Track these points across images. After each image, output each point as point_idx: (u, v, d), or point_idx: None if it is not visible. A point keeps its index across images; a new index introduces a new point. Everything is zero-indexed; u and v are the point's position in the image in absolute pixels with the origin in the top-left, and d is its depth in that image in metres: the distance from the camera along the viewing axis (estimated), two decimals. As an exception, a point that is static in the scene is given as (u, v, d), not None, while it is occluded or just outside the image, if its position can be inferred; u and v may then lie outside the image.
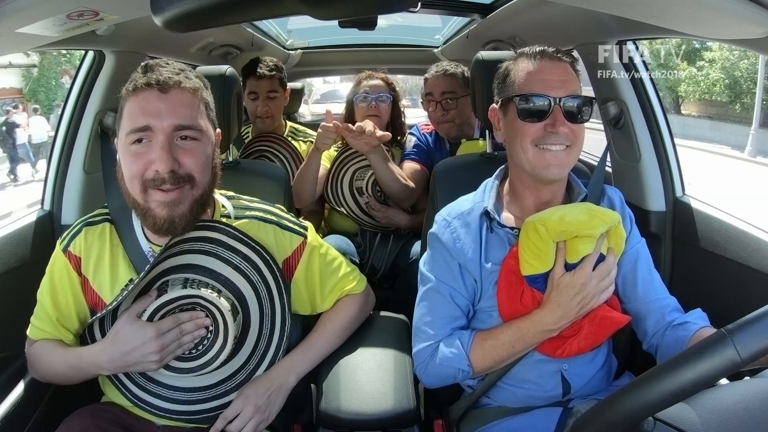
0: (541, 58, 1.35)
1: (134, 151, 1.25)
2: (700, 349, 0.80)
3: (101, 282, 1.37)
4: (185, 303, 1.29)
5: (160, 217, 1.26)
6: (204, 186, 1.30)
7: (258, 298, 1.39)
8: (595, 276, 1.26)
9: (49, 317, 1.39)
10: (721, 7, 0.99)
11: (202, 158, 1.29)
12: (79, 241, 1.39)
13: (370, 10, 1.18)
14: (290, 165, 2.72)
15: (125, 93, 1.29)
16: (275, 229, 1.46)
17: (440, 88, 2.55)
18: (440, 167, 1.87)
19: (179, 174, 1.25)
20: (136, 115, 1.24)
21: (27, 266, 1.77)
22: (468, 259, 1.37)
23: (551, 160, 1.31)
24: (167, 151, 1.23)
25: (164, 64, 1.30)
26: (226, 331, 1.30)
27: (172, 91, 1.26)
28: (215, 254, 1.36)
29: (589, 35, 1.99)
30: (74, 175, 2.00)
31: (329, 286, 1.53)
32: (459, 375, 1.38)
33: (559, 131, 1.30)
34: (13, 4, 1.01)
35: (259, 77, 2.75)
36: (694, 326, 1.31)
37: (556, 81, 1.31)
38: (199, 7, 0.87)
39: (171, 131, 1.24)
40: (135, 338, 1.24)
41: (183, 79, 1.28)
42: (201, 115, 1.30)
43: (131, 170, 1.26)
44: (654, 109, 2.03)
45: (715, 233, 1.78)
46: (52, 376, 1.41)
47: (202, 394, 1.37)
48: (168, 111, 1.24)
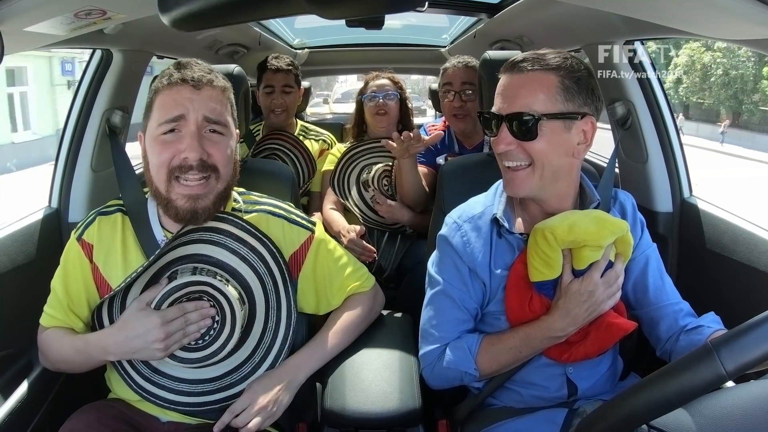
0: (507, 71, 1.31)
1: (164, 140, 1.32)
2: (685, 363, 0.80)
3: (111, 269, 1.40)
4: (193, 291, 1.31)
5: (183, 208, 1.32)
6: (227, 179, 1.37)
7: (264, 289, 1.41)
8: (603, 283, 1.26)
9: (60, 303, 1.41)
10: (728, 7, 0.98)
11: (227, 151, 1.36)
12: (92, 229, 1.42)
13: (378, 9, 1.18)
14: (300, 164, 2.72)
15: (157, 87, 1.35)
16: (283, 223, 1.48)
17: (461, 78, 2.51)
18: (447, 167, 1.86)
19: (207, 163, 1.32)
20: (170, 106, 1.32)
21: (34, 263, 1.78)
22: (477, 264, 1.37)
23: (509, 177, 1.31)
24: (198, 140, 1.30)
25: (195, 63, 1.38)
26: (233, 319, 1.31)
27: (204, 88, 1.34)
28: (223, 245, 1.39)
29: (596, 35, 1.98)
30: (81, 173, 2.01)
31: (337, 283, 1.53)
32: (465, 378, 1.38)
33: (497, 149, 1.30)
34: (20, 2, 1.01)
35: (275, 70, 2.78)
36: (708, 330, 1.30)
37: (509, 96, 1.28)
38: (206, 6, 0.87)
39: (201, 122, 1.32)
40: (140, 325, 1.27)
41: (214, 78, 1.37)
42: (227, 113, 1.38)
43: (160, 158, 1.32)
44: (661, 110, 2.02)
45: (722, 235, 1.77)
46: (61, 363, 1.42)
47: (207, 386, 1.38)
48: (200, 104, 1.32)
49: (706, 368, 0.77)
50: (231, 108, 1.41)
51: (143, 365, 1.37)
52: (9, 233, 1.74)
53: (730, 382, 0.81)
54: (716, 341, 0.79)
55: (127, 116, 2.08)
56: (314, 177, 2.78)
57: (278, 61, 2.80)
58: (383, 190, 2.56)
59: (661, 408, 0.79)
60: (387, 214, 2.51)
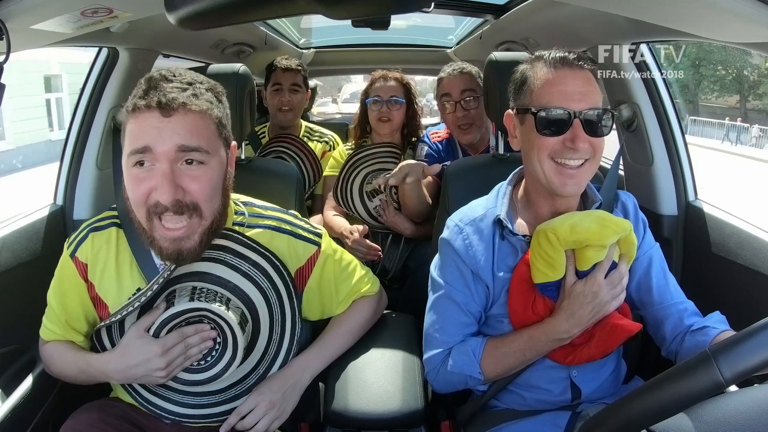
0: (561, 66, 1.28)
1: (136, 175, 1.18)
2: (682, 370, 0.80)
3: (107, 289, 1.36)
4: (192, 316, 1.28)
5: (167, 250, 1.22)
6: (213, 214, 1.24)
7: (268, 304, 1.38)
8: (607, 283, 1.25)
9: (58, 319, 1.39)
10: (734, 10, 0.98)
11: (209, 184, 1.21)
12: (85, 247, 1.36)
13: (384, 9, 1.18)
14: (306, 166, 2.72)
15: (126, 110, 1.20)
16: (289, 239, 1.43)
17: (459, 86, 2.40)
18: (452, 169, 1.86)
19: (184, 202, 1.18)
20: (136, 135, 1.16)
21: (39, 260, 1.79)
22: (480, 266, 1.36)
23: (568, 175, 1.27)
24: (169, 179, 1.15)
25: (171, 76, 1.21)
26: (235, 344, 1.28)
27: (176, 114, 1.16)
28: (223, 261, 1.34)
29: (602, 37, 1.98)
30: (87, 171, 2.02)
31: (344, 291, 1.52)
32: (470, 381, 1.38)
33: (579, 147, 1.25)
34: (27, 0, 1.02)
35: (284, 69, 2.82)
36: (714, 330, 1.29)
37: (576, 93, 1.25)
38: (213, 5, 0.88)
39: (174, 153, 1.16)
40: (141, 354, 1.24)
41: (189, 100, 1.17)
42: (210, 136, 1.22)
43: (134, 196, 1.19)
44: (667, 112, 2.01)
45: (727, 239, 1.76)
46: (64, 377, 1.42)
47: (212, 399, 1.37)
48: (171, 132, 1.15)
49: (704, 375, 0.77)
50: (218, 127, 1.24)
51: None
52: (14, 230, 1.75)
53: (733, 386, 0.81)
54: (715, 348, 0.79)
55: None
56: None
57: (287, 61, 2.84)
58: (394, 198, 2.52)
59: (658, 415, 0.78)
60: (390, 224, 2.49)
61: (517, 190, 1.44)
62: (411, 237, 2.52)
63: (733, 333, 1.21)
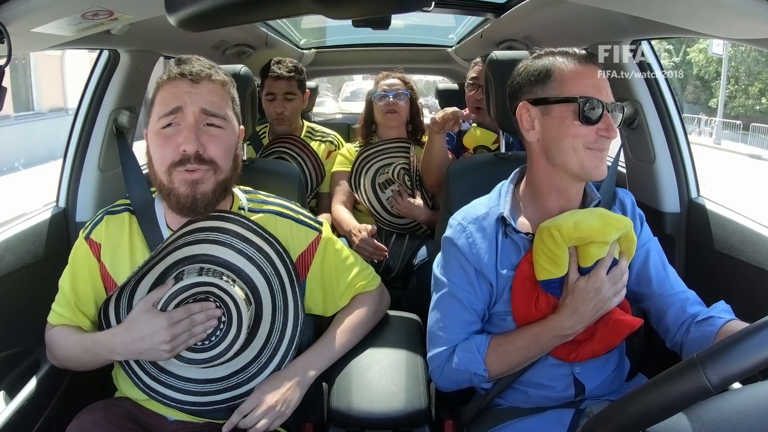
0: (586, 62, 1.32)
1: (164, 134, 1.33)
2: (666, 376, 0.81)
3: (119, 268, 1.41)
4: (200, 291, 1.31)
5: (183, 195, 1.33)
6: (226, 172, 1.38)
7: (270, 289, 1.41)
8: (609, 280, 1.26)
9: (68, 302, 1.42)
10: (737, 7, 0.98)
11: (225, 146, 1.37)
12: (100, 228, 1.43)
13: (384, 9, 1.18)
14: (307, 167, 2.72)
15: (158, 83, 1.39)
16: (291, 224, 1.49)
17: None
18: (454, 168, 1.86)
19: (203, 157, 1.32)
20: (169, 100, 1.34)
21: (41, 262, 1.79)
22: (483, 264, 1.36)
23: (600, 159, 1.31)
24: (194, 132, 1.32)
25: (197, 59, 1.42)
26: (239, 320, 1.31)
27: (202, 82, 1.36)
28: (229, 245, 1.39)
29: (603, 35, 1.98)
30: (89, 173, 2.02)
31: (344, 282, 1.53)
32: (475, 379, 1.38)
33: (611, 136, 1.30)
34: (28, 3, 1.02)
35: (276, 78, 2.73)
36: (720, 320, 1.29)
37: (603, 87, 1.31)
38: (213, 6, 0.88)
39: (199, 114, 1.33)
40: (147, 326, 1.27)
41: (213, 73, 1.39)
42: (227, 107, 1.40)
43: (161, 153, 1.34)
44: (669, 110, 2.01)
45: (730, 235, 1.76)
46: (68, 360, 1.42)
47: (214, 386, 1.38)
48: (198, 97, 1.34)
49: (691, 382, 0.78)
50: (233, 102, 1.43)
51: (150, 365, 1.37)
52: (17, 232, 1.75)
53: (736, 383, 0.81)
54: (702, 355, 0.80)
55: (134, 116, 2.09)
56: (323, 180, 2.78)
57: (280, 68, 2.74)
58: (406, 185, 2.57)
59: (644, 421, 0.80)
60: (405, 211, 2.52)
61: (519, 188, 1.45)
62: (426, 224, 2.56)
63: (741, 323, 1.22)
